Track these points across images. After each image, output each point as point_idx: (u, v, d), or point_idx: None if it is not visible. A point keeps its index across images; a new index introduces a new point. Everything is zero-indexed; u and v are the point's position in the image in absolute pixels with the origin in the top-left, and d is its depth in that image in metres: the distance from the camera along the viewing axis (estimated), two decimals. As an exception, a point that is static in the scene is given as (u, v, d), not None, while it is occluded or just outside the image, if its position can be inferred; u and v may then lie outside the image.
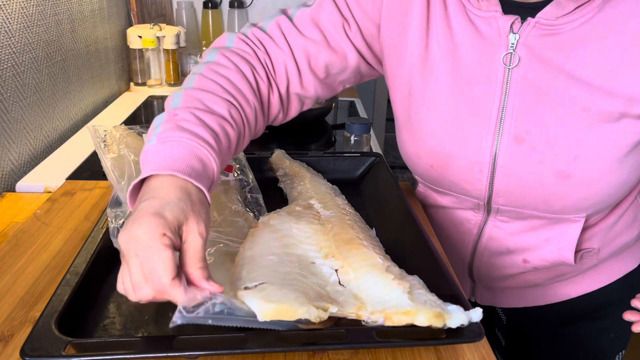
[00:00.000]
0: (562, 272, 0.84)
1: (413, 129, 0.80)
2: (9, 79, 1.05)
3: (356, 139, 1.08)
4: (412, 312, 0.54)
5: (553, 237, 0.78)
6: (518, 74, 0.70)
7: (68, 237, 0.80)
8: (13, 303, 0.65)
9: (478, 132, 0.73)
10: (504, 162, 0.73)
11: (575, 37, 0.67)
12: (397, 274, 0.61)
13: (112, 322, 0.59)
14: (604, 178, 0.70)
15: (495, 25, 0.70)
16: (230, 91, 0.69)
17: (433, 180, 0.83)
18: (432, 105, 0.76)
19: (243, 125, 0.70)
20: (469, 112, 0.74)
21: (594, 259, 0.82)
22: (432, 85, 0.76)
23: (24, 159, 1.11)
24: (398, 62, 0.79)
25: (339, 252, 0.64)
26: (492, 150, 0.73)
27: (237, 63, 0.73)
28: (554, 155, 0.70)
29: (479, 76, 0.72)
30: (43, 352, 0.49)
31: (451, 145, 0.76)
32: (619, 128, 0.68)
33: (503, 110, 0.71)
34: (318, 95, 0.83)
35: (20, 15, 1.08)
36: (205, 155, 0.59)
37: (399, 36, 0.78)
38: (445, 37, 0.74)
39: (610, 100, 0.66)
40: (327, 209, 0.75)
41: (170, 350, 0.50)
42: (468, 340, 0.54)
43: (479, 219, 0.82)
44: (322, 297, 0.55)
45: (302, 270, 0.60)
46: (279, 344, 0.51)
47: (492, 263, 0.85)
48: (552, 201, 0.73)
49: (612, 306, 0.88)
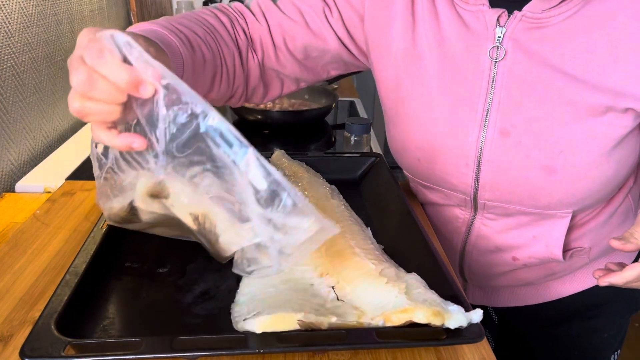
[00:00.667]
0: (552, 271, 0.84)
1: (400, 122, 0.80)
2: (8, 79, 1.05)
3: (356, 139, 1.08)
4: (410, 309, 0.54)
5: (541, 233, 0.78)
6: (504, 67, 0.70)
7: (68, 237, 0.80)
8: (12, 303, 0.65)
9: (464, 125, 0.74)
10: (490, 155, 0.73)
11: (562, 30, 0.67)
12: (392, 275, 0.61)
13: (112, 323, 0.58)
14: (590, 173, 0.70)
15: (482, 19, 0.71)
16: (209, 28, 0.72)
17: (421, 175, 0.83)
18: (419, 98, 0.76)
19: (220, 56, 0.71)
20: (455, 105, 0.74)
21: (585, 258, 0.83)
22: (419, 79, 0.76)
23: (24, 159, 1.11)
24: (383, 55, 0.79)
25: (332, 266, 0.64)
26: (477, 144, 0.73)
27: (218, 15, 0.76)
28: (540, 149, 0.70)
29: (466, 69, 0.72)
30: (42, 352, 0.49)
31: (438, 138, 0.76)
32: (604, 122, 0.68)
33: (489, 103, 0.71)
34: (297, 77, 0.83)
35: (19, 16, 1.08)
36: (170, 40, 0.61)
37: (383, 28, 0.78)
38: (432, 29, 0.74)
39: (596, 94, 0.66)
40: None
41: (170, 350, 0.50)
42: (468, 340, 0.54)
43: (467, 216, 0.82)
44: (322, 314, 0.56)
45: (301, 294, 0.60)
46: (279, 344, 0.51)
47: (482, 261, 0.85)
48: (539, 196, 0.73)
49: (604, 305, 0.88)
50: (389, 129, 0.84)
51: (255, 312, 0.56)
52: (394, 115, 0.81)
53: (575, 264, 0.84)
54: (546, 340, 0.93)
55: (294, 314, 0.53)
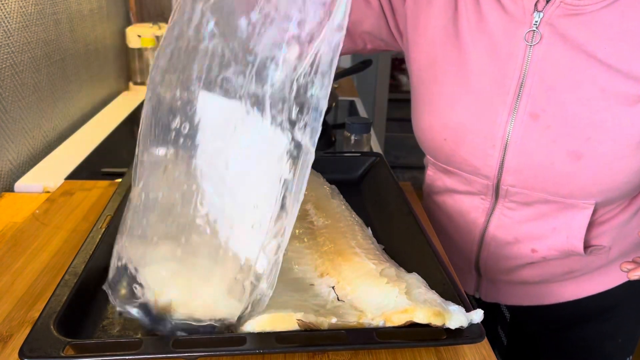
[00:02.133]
0: (570, 268, 0.83)
1: (431, 101, 0.82)
2: (7, 79, 1.04)
3: (356, 139, 1.08)
4: (411, 309, 0.54)
5: (561, 225, 0.78)
6: (539, 52, 0.71)
7: (67, 237, 0.80)
8: (12, 303, 0.65)
9: (495, 107, 0.75)
10: (517, 138, 0.74)
11: (598, 18, 0.68)
12: (392, 275, 0.61)
13: (111, 323, 0.58)
14: (616, 163, 0.70)
15: (520, 3, 0.72)
16: None
17: (445, 157, 0.83)
18: (453, 77, 0.78)
19: None
20: (488, 86, 0.75)
21: (604, 258, 0.82)
22: (454, 58, 0.78)
23: (23, 158, 1.11)
24: (421, 32, 0.81)
25: (332, 267, 0.64)
26: (506, 127, 0.74)
27: None
28: (567, 134, 0.71)
29: (501, 52, 0.74)
30: (42, 352, 0.48)
31: (468, 118, 0.77)
32: (634, 112, 0.68)
33: (521, 86, 0.73)
34: None
35: (18, 15, 1.08)
36: None
37: (424, 5, 0.80)
38: (472, 11, 0.76)
39: (628, 83, 0.67)
40: (321, 216, 0.75)
41: (170, 350, 0.49)
42: (469, 341, 0.54)
43: (486, 205, 0.82)
44: (322, 314, 0.55)
45: (301, 294, 0.60)
46: (278, 344, 0.51)
47: (499, 254, 0.85)
48: (562, 183, 0.73)
49: (618, 307, 0.87)
50: (417, 108, 0.85)
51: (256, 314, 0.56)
52: (425, 94, 0.83)
53: (593, 264, 0.83)
54: (557, 342, 0.93)
55: (294, 313, 0.53)
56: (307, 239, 0.70)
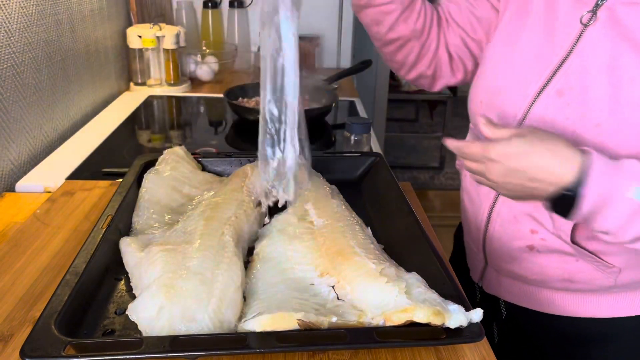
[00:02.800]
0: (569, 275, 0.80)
1: (483, 63, 0.87)
2: (8, 79, 1.05)
3: (356, 139, 1.08)
4: (410, 309, 0.54)
5: None
6: (591, 33, 0.73)
7: (68, 237, 0.80)
8: (13, 303, 0.65)
9: (531, 78, 0.77)
10: (537, 110, 0.76)
11: None
12: (392, 274, 0.61)
13: (112, 323, 0.59)
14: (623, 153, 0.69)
15: None
16: None
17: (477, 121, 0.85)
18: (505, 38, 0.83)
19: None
20: (533, 57, 0.78)
21: (611, 279, 0.79)
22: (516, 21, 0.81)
23: (24, 158, 1.11)
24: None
25: (333, 266, 0.64)
26: (532, 99, 0.76)
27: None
28: (582, 115, 0.72)
29: (558, 28, 0.76)
30: (43, 352, 0.49)
31: (503, 84, 0.80)
32: None
33: (561, 63, 0.74)
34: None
35: (19, 15, 1.08)
36: None
37: None
38: None
39: None
40: (321, 216, 0.75)
41: (170, 350, 0.50)
42: (468, 340, 0.54)
43: None
44: (322, 314, 0.56)
45: (302, 294, 0.60)
46: (279, 343, 0.51)
47: (502, 232, 0.84)
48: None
49: (623, 340, 0.84)
50: (478, 73, 0.89)
51: (256, 312, 0.56)
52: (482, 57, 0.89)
53: (597, 281, 0.80)
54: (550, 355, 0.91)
55: (294, 313, 0.53)
56: (307, 238, 0.70)
